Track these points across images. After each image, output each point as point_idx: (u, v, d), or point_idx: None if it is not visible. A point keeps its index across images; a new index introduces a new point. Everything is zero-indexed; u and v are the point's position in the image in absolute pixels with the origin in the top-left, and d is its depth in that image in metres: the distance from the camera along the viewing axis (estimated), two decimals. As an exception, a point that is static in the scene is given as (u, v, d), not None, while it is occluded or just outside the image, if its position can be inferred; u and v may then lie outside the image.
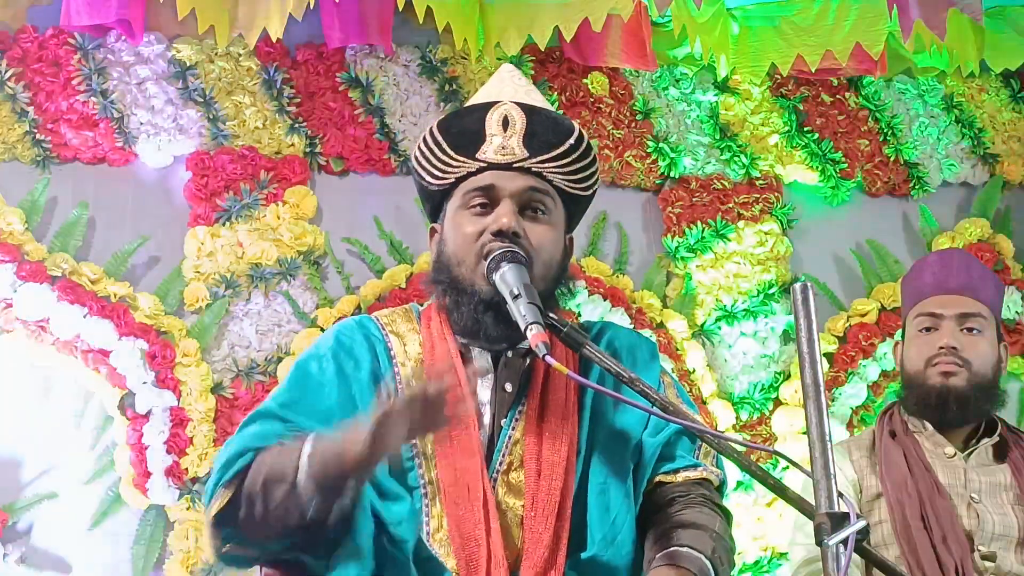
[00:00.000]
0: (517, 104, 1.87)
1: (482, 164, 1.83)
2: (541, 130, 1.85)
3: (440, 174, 1.87)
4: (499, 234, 1.77)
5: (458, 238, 1.82)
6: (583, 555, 1.74)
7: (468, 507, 1.71)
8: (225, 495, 1.64)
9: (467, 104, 1.95)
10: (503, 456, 1.77)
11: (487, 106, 1.87)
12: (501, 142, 1.83)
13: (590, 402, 1.85)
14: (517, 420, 1.80)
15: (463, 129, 1.87)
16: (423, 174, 1.90)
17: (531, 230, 1.80)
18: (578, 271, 3.76)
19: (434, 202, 1.92)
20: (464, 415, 1.73)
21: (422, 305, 1.96)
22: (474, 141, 1.84)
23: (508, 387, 1.82)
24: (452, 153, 1.85)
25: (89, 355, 3.45)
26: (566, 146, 1.86)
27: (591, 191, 1.93)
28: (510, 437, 1.78)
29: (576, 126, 1.90)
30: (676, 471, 1.84)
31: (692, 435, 1.87)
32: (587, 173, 1.90)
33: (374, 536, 1.66)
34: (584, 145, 1.88)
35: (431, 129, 1.89)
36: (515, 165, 1.82)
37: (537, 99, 1.93)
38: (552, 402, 1.81)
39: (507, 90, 1.92)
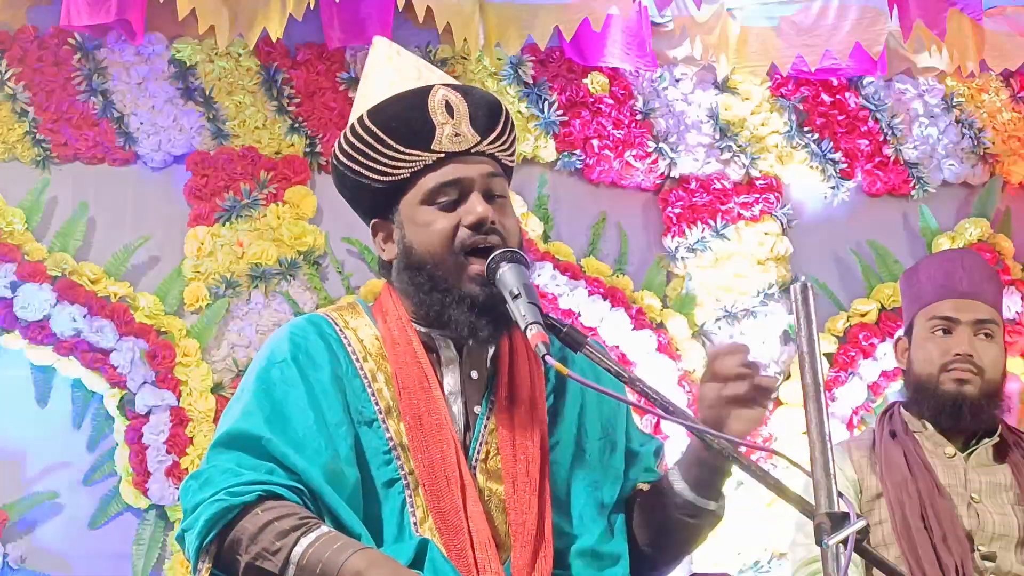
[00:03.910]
0: (448, 87, 1.82)
1: (439, 155, 1.77)
2: (480, 111, 1.82)
3: (388, 169, 1.79)
4: (476, 225, 1.74)
5: (430, 237, 1.76)
6: (585, 545, 1.77)
7: (449, 496, 1.70)
8: (207, 565, 1.63)
9: (392, 94, 1.82)
10: (480, 445, 1.77)
11: (421, 93, 1.80)
12: (452, 129, 1.78)
13: (577, 402, 1.86)
14: (491, 409, 1.80)
15: (404, 120, 1.78)
16: (365, 172, 1.80)
17: (498, 216, 1.77)
18: (578, 271, 3.76)
19: (377, 199, 1.83)
20: (433, 407, 1.74)
21: (370, 303, 1.93)
22: (422, 131, 1.78)
23: (474, 375, 1.82)
24: (400, 147, 1.78)
25: (89, 355, 3.46)
26: (502, 123, 1.84)
27: (514, 160, 1.92)
28: (485, 426, 1.78)
29: (498, 99, 1.89)
30: (650, 483, 1.88)
31: (659, 452, 1.94)
32: (515, 144, 1.89)
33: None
34: (511, 116, 1.87)
35: (362, 124, 1.80)
36: (472, 151, 1.79)
37: (440, 74, 1.90)
38: (519, 388, 1.81)
39: (403, 67, 1.87)
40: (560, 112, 3.85)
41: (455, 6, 3.54)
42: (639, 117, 3.93)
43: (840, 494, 1.34)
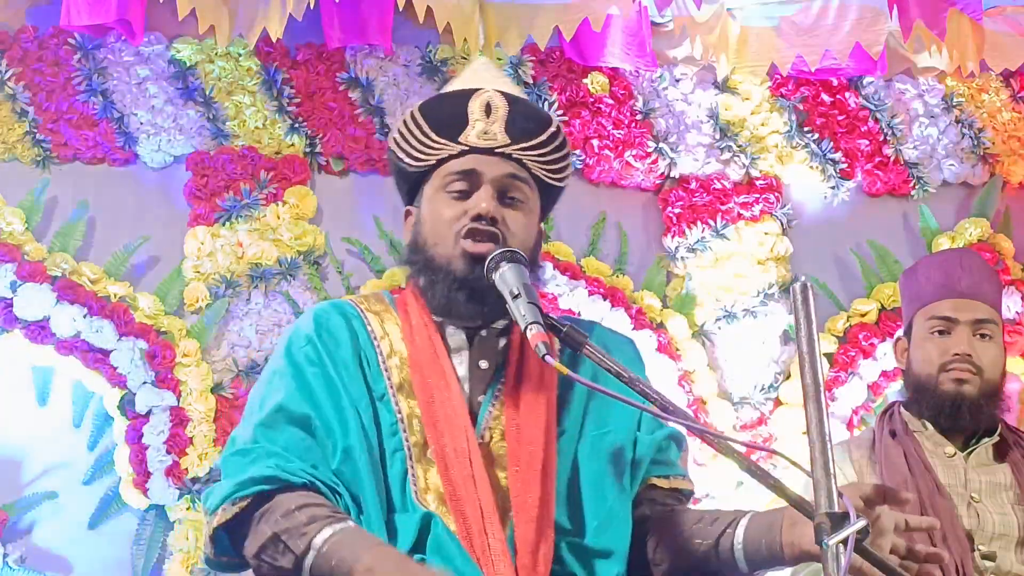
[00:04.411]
0: (499, 92, 1.90)
1: (464, 147, 1.85)
2: (521, 118, 1.88)
3: (420, 155, 1.89)
4: (478, 218, 1.80)
5: (436, 220, 1.84)
6: (580, 538, 1.77)
7: (457, 465, 1.73)
8: (230, 512, 1.68)
9: (447, 90, 1.97)
10: (483, 431, 1.79)
11: (470, 92, 1.90)
12: (483, 127, 1.86)
13: (584, 393, 1.87)
14: (496, 397, 1.82)
15: (445, 112, 1.89)
16: (402, 155, 1.91)
17: (508, 216, 1.83)
18: (578, 271, 3.77)
19: (410, 183, 1.94)
20: (444, 384, 1.78)
21: (394, 295, 1.98)
22: (456, 124, 1.87)
23: (483, 364, 1.85)
24: (433, 135, 1.87)
25: (89, 355, 3.46)
26: (546, 135, 1.89)
27: (564, 182, 1.96)
28: (489, 412, 1.81)
29: (553, 117, 1.95)
30: (668, 477, 1.88)
31: (680, 442, 1.92)
32: (563, 164, 1.93)
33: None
34: (561, 136, 1.93)
35: (412, 112, 1.92)
36: (496, 150, 1.85)
37: (516, 90, 1.97)
38: (527, 380, 1.83)
39: (485, 80, 1.95)
40: (560, 112, 3.85)
41: (455, 6, 3.54)
42: (639, 117, 3.93)
43: (840, 494, 1.34)
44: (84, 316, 3.46)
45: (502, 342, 1.87)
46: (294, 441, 1.73)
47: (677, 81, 3.99)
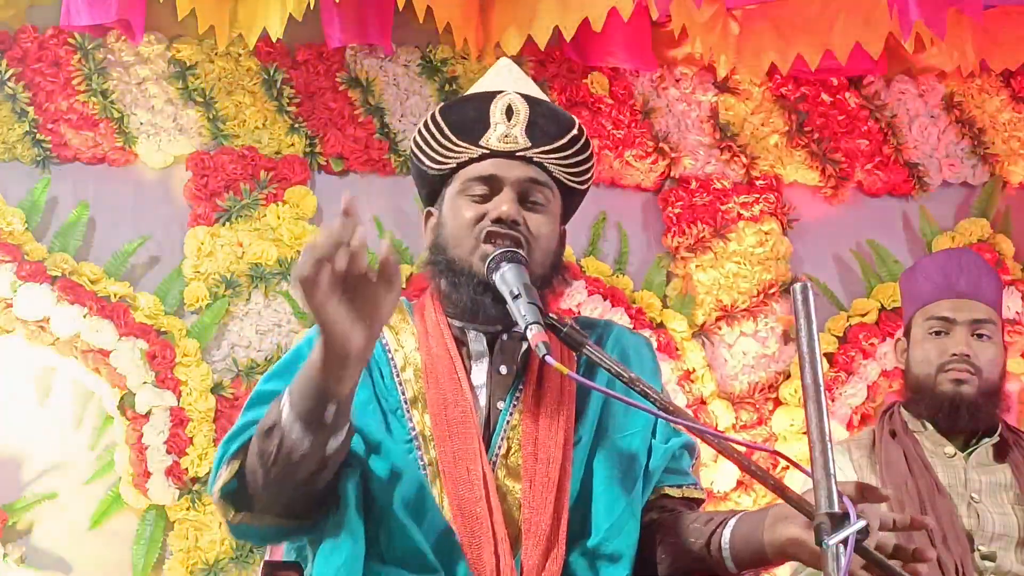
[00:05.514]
0: (521, 95, 1.89)
1: (484, 151, 1.85)
2: (543, 121, 1.88)
3: (441, 159, 1.88)
4: (499, 221, 1.79)
5: (457, 222, 1.83)
6: (589, 543, 1.76)
7: (468, 486, 1.72)
8: (232, 467, 1.63)
9: (468, 92, 1.96)
10: (502, 440, 1.78)
11: (491, 95, 1.89)
12: (504, 130, 1.86)
13: (600, 399, 1.86)
14: (515, 405, 1.81)
15: (465, 116, 1.89)
16: (422, 158, 1.91)
17: (530, 219, 1.83)
18: (578, 271, 3.76)
19: (431, 187, 1.93)
20: (460, 397, 1.76)
21: (412, 301, 1.97)
22: (477, 128, 1.86)
23: (503, 370, 1.84)
24: (454, 139, 1.87)
25: (89, 355, 3.46)
26: (567, 138, 1.89)
27: (587, 185, 1.96)
28: (508, 422, 1.80)
29: (576, 120, 1.94)
30: (680, 487, 1.88)
31: (692, 450, 1.92)
32: (585, 167, 1.93)
33: (365, 507, 1.67)
34: (583, 139, 1.92)
35: (432, 114, 1.91)
36: (517, 154, 1.85)
37: (537, 92, 1.96)
38: (548, 387, 1.83)
39: (507, 82, 1.95)
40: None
41: (455, 6, 3.54)
42: (639, 117, 3.93)
43: (840, 494, 1.34)
44: (84, 316, 3.46)
45: (523, 347, 1.86)
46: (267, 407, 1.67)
47: (677, 81, 4.00)
